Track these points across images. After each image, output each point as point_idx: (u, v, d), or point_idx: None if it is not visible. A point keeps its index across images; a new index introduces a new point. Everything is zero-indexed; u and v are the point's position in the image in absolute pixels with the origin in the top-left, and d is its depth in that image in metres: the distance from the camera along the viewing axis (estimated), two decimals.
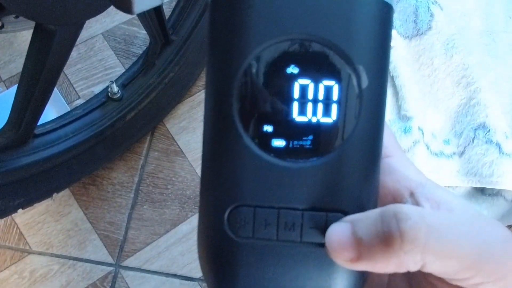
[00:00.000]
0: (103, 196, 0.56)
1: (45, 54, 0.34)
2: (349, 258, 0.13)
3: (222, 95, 0.14)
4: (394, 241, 0.13)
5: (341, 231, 0.13)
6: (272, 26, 0.14)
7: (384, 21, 0.14)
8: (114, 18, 0.64)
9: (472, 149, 0.60)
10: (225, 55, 0.14)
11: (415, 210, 0.13)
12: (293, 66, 0.14)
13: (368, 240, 0.13)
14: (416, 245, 0.13)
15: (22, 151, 0.41)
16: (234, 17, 0.14)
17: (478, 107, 0.61)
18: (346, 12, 0.14)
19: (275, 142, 0.14)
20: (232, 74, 0.14)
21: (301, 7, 0.14)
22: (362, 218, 0.13)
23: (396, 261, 0.13)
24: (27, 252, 0.53)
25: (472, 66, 0.63)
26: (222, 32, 0.14)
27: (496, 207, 0.61)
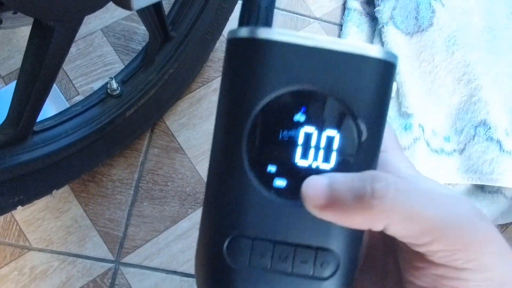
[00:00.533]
0: (103, 193, 0.56)
1: (43, 50, 0.33)
2: (320, 204, 0.14)
3: (233, 134, 0.16)
4: (365, 196, 0.14)
5: (319, 181, 0.15)
6: (283, 78, 0.15)
7: (386, 79, 0.16)
8: (114, 14, 0.63)
9: (473, 147, 0.60)
10: (239, 99, 0.16)
11: (390, 177, 0.14)
12: (300, 114, 0.15)
13: (342, 192, 0.14)
14: (383, 202, 0.14)
15: (21, 148, 0.41)
16: (248, 66, 0.15)
17: (479, 104, 0.61)
18: (352, 69, 0.15)
19: (277, 181, 0.16)
20: (244, 117, 0.15)
21: (310, 62, 0.15)
22: (341, 175, 0.15)
23: (362, 215, 0.14)
24: (27, 248, 0.53)
25: (474, 63, 0.63)
26: (237, 78, 0.16)
27: (496, 205, 0.61)
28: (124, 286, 0.54)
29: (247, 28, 0.15)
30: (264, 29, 0.15)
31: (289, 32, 0.15)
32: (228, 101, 0.16)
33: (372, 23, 0.70)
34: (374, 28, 0.69)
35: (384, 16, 0.66)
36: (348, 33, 0.68)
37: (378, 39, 0.66)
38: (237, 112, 0.15)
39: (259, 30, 0.15)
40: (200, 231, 0.16)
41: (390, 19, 0.66)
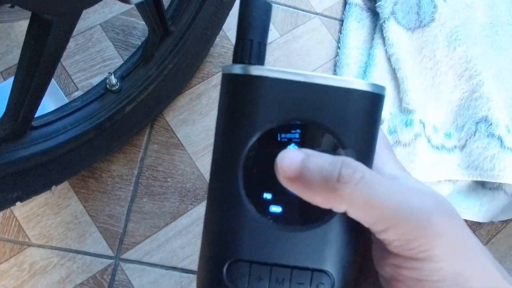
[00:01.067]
0: (103, 189, 0.56)
1: (41, 45, 0.33)
2: (289, 176, 0.15)
3: (230, 164, 0.17)
4: (331, 178, 0.15)
5: (294, 155, 0.16)
6: (275, 112, 0.16)
7: (374, 110, 0.17)
8: (113, 9, 0.63)
9: (474, 143, 0.60)
10: (235, 132, 0.17)
11: (361, 166, 0.15)
12: (293, 145, 0.16)
13: (312, 170, 0.15)
14: (345, 187, 0.15)
15: (20, 144, 0.40)
16: (242, 101, 0.16)
17: (481, 100, 0.61)
18: (341, 102, 0.16)
19: (272, 208, 0.16)
20: (240, 149, 0.16)
21: (301, 96, 0.16)
22: (316, 154, 0.16)
23: (325, 195, 0.15)
24: (27, 244, 0.53)
25: (475, 59, 0.63)
26: (232, 112, 0.17)
27: (496, 201, 0.61)
28: (124, 282, 0.54)
29: (240, 66, 0.17)
30: (256, 67, 0.16)
31: (279, 69, 0.16)
32: (224, 134, 0.17)
33: (373, 18, 0.69)
34: (375, 23, 0.68)
35: (385, 11, 0.66)
36: (349, 28, 0.67)
37: (379, 34, 0.66)
38: (233, 144, 0.17)
39: (251, 67, 0.16)
40: (201, 255, 0.17)
41: (392, 14, 0.65)
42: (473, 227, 0.65)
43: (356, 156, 0.16)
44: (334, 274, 0.16)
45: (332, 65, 0.67)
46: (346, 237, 0.17)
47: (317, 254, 0.16)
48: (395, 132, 0.61)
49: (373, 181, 0.15)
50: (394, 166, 0.18)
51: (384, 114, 0.62)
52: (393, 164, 0.18)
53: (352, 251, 0.17)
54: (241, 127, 0.16)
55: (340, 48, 0.67)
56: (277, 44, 0.66)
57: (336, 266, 0.16)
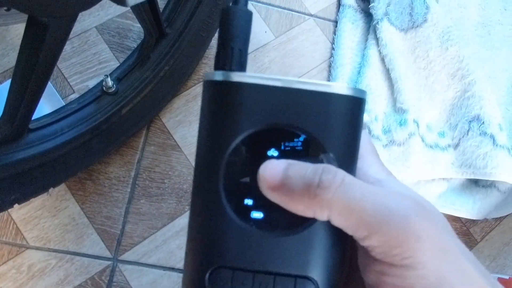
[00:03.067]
0: (100, 191, 0.56)
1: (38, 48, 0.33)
2: (272, 185, 0.16)
3: (211, 170, 0.17)
4: (311, 184, 0.15)
5: (277, 165, 0.16)
6: (256, 117, 0.16)
7: (355, 114, 0.17)
8: (108, 12, 0.63)
9: (467, 141, 0.61)
10: (216, 138, 0.17)
11: (340, 171, 0.16)
12: (273, 149, 0.16)
13: (294, 178, 0.15)
14: (325, 192, 0.15)
15: (17, 146, 0.41)
16: (223, 107, 0.16)
17: (473, 99, 0.62)
18: (321, 107, 0.16)
19: (254, 213, 0.16)
20: (220, 154, 0.16)
21: (281, 101, 0.16)
22: (297, 163, 0.16)
23: (306, 202, 0.15)
24: (25, 247, 0.54)
25: (468, 58, 0.64)
26: (213, 118, 0.17)
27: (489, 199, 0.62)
28: (122, 283, 0.54)
29: (221, 72, 0.17)
30: (237, 73, 0.16)
31: (259, 75, 0.16)
32: (205, 140, 0.17)
33: (367, 19, 0.70)
34: (369, 24, 0.69)
35: (378, 12, 0.66)
36: (343, 29, 0.68)
37: (373, 35, 0.67)
38: (214, 150, 0.16)
39: (232, 74, 0.16)
40: (185, 262, 0.17)
41: (385, 15, 0.66)
42: (467, 224, 0.66)
43: (338, 161, 0.16)
44: (318, 280, 0.16)
45: (327, 66, 0.68)
46: (330, 242, 0.16)
47: (300, 260, 0.16)
48: (390, 131, 0.61)
49: (353, 186, 0.15)
50: (378, 169, 0.17)
51: (378, 113, 0.62)
52: (378, 168, 0.17)
53: (337, 257, 0.17)
54: (222, 133, 0.16)
55: (335, 49, 0.68)
56: (272, 46, 0.67)
57: (320, 272, 0.16)
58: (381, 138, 0.61)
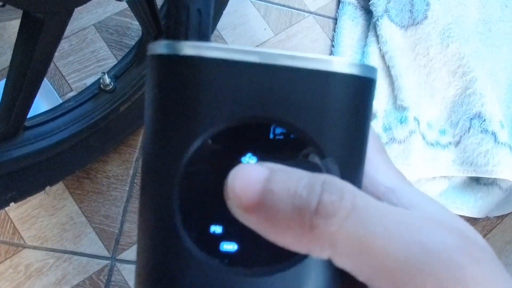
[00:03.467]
0: (98, 190, 0.56)
1: (33, 44, 0.33)
2: (245, 205, 0.10)
3: (161, 183, 0.11)
4: (306, 208, 0.10)
5: (253, 172, 0.10)
6: (227, 107, 0.11)
7: (364, 101, 0.12)
8: (106, 9, 0.63)
9: (468, 139, 0.60)
10: (168, 139, 0.11)
11: (349, 187, 0.10)
12: (250, 155, 0.11)
13: (278, 194, 0.10)
14: (330, 222, 0.10)
15: (13, 144, 0.40)
16: (173, 95, 0.11)
17: (474, 96, 0.61)
18: (316, 92, 0.11)
19: (225, 245, 0.11)
20: (174, 161, 0.11)
21: (261, 83, 0.11)
22: (285, 170, 0.11)
23: (298, 233, 0.10)
24: (22, 246, 0.53)
25: (468, 56, 0.63)
26: (160, 111, 0.11)
27: (491, 197, 0.62)
28: (120, 282, 0.54)
29: (171, 43, 0.11)
30: (191, 43, 0.11)
31: (227, 47, 0.11)
32: (152, 142, 0.12)
33: (367, 16, 0.70)
34: (369, 21, 0.69)
35: (378, 9, 0.66)
36: (343, 26, 0.68)
37: (373, 32, 0.66)
38: (164, 156, 0.11)
39: (183, 44, 0.11)
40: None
41: (385, 12, 0.66)
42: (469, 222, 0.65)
43: (340, 168, 0.11)
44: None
45: None
46: (327, 282, 0.12)
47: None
48: (390, 129, 0.61)
49: (370, 213, 0.10)
50: (389, 174, 0.13)
51: (378, 111, 0.62)
52: (388, 172, 0.13)
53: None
54: (174, 132, 0.11)
55: (334, 46, 0.67)
56: (271, 43, 0.67)
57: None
58: (381, 136, 0.60)
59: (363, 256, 0.10)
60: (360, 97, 0.12)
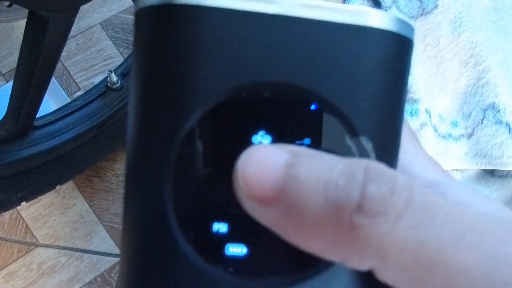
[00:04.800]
0: (108, 188, 0.56)
1: (39, 42, 0.33)
2: (260, 195, 0.08)
3: (149, 172, 0.09)
4: (345, 202, 0.08)
5: (271, 156, 0.08)
6: (233, 70, 0.09)
7: (401, 66, 0.10)
8: (112, 7, 0.63)
9: (481, 130, 0.59)
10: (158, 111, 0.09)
11: (402, 178, 0.08)
12: (263, 133, 0.09)
13: (306, 183, 0.08)
14: (377, 223, 0.07)
15: (22, 143, 0.41)
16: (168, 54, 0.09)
17: (487, 86, 0.60)
18: (348, 51, 0.09)
19: (231, 248, 0.09)
20: (167, 140, 0.09)
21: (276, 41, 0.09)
22: (312, 154, 0.08)
23: (331, 234, 0.08)
24: (34, 245, 0.54)
25: (481, 45, 0.62)
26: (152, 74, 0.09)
27: (506, 189, 0.60)
28: None
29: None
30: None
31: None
32: (138, 117, 0.09)
33: (375, 7, 0.68)
34: None
35: (387, 0, 0.65)
36: None
37: None
38: (153, 134, 0.09)
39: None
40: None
41: (393, 3, 0.64)
42: None
43: (376, 152, 0.09)
44: None
45: None
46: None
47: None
48: None
49: (434, 212, 0.08)
50: (428, 164, 0.10)
51: None
52: (427, 161, 0.10)
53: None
54: (166, 104, 0.09)
55: None
56: None
57: None
58: None
59: (423, 269, 0.08)
60: (401, 61, 0.10)
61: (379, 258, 0.08)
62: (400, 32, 0.10)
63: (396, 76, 0.10)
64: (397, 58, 0.10)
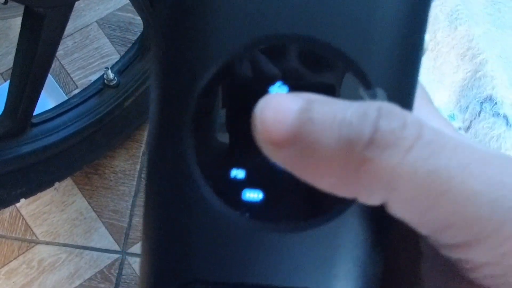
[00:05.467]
0: (106, 185, 0.57)
1: (36, 39, 0.33)
2: (277, 137, 0.08)
3: (171, 122, 0.10)
4: (358, 137, 0.08)
5: (288, 101, 0.08)
6: (249, 25, 0.09)
7: (419, 16, 0.10)
8: (108, 5, 0.63)
9: (479, 123, 0.59)
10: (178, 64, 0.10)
11: (411, 116, 0.08)
12: (280, 84, 0.09)
13: (321, 123, 0.08)
14: (388, 154, 0.08)
15: (20, 140, 0.41)
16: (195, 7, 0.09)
17: (485, 79, 0.60)
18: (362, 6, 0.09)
19: (247, 194, 0.10)
20: (187, 91, 0.09)
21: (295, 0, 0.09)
22: (325, 100, 0.09)
23: (345, 170, 0.08)
24: (34, 242, 0.54)
25: (478, 37, 0.62)
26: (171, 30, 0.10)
27: None
28: (131, 275, 0.54)
29: None
30: None
31: None
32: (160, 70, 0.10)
33: None
34: None
35: None
36: None
37: None
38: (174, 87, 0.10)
39: None
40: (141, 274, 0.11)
41: None
42: None
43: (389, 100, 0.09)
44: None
45: None
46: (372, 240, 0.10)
47: (320, 270, 0.10)
48: None
49: (443, 145, 0.08)
50: (440, 123, 0.10)
51: None
52: (439, 121, 0.10)
53: (379, 265, 0.10)
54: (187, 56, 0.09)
55: None
56: None
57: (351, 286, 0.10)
58: None
59: (432, 197, 0.08)
60: (418, 15, 0.10)
61: (390, 189, 0.08)
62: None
63: (413, 30, 0.10)
64: (414, 11, 0.10)
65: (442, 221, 0.08)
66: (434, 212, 0.08)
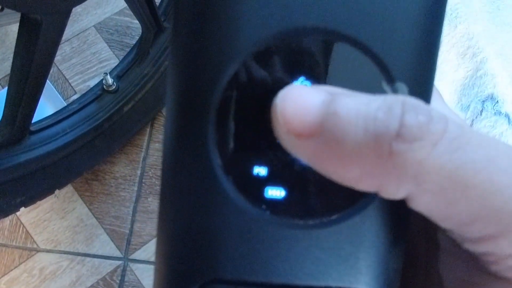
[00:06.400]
0: (107, 191, 0.56)
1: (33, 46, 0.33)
2: (300, 129, 0.08)
3: (193, 117, 0.10)
4: (385, 131, 0.08)
5: (309, 94, 0.08)
6: (272, 18, 0.09)
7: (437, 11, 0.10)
8: (106, 10, 0.62)
9: (481, 122, 0.59)
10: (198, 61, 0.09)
11: (437, 111, 0.08)
12: (303, 78, 0.09)
13: (346, 116, 0.08)
14: (415, 147, 0.08)
15: (19, 148, 0.40)
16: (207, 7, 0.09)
17: (486, 77, 0.59)
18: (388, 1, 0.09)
19: (270, 191, 0.10)
20: (210, 87, 0.09)
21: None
22: (351, 93, 0.09)
23: (370, 163, 0.08)
24: (35, 250, 0.53)
25: (478, 36, 0.61)
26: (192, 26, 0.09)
27: None
28: (134, 282, 0.54)
29: None
30: None
31: None
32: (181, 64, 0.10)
33: None
34: None
35: None
36: None
37: None
38: (195, 84, 0.09)
39: None
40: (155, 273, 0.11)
41: None
42: None
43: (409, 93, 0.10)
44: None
45: None
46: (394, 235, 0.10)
47: (342, 267, 0.10)
48: None
49: (469, 139, 0.08)
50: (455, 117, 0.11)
51: None
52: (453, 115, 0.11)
53: (400, 259, 0.10)
54: (210, 50, 0.09)
55: None
56: None
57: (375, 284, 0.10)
58: None
59: (458, 191, 0.08)
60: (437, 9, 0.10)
61: (416, 183, 0.08)
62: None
63: (433, 25, 0.10)
64: (434, 6, 0.10)
65: (469, 214, 0.08)
66: (460, 206, 0.08)
